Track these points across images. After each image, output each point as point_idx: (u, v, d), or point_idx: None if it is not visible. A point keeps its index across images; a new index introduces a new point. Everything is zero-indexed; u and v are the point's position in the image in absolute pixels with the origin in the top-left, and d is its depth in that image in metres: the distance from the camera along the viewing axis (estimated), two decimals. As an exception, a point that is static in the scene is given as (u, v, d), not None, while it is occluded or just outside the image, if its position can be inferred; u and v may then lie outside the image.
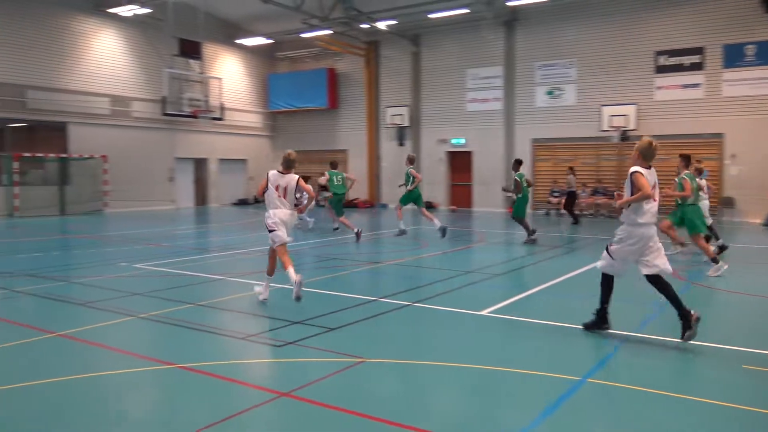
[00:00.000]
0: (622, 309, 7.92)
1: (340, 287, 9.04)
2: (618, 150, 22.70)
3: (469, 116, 26.10)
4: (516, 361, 5.59)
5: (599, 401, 4.71)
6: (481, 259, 12.24)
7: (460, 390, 4.99)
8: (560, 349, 6.03)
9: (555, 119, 24.00)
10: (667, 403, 4.60)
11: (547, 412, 4.38)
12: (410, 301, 7.90)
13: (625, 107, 21.84)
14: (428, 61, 27.07)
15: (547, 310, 7.66)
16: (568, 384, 4.92)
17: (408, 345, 6.25)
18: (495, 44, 24.86)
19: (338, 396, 4.67)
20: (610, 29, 22.72)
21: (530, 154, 24.64)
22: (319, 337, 6.22)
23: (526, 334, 6.66)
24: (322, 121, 30.48)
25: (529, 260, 12.02)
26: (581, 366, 5.36)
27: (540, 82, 24.33)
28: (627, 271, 6.53)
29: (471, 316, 7.28)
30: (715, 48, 20.92)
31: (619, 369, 5.44)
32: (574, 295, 8.63)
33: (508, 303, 7.96)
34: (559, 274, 9.96)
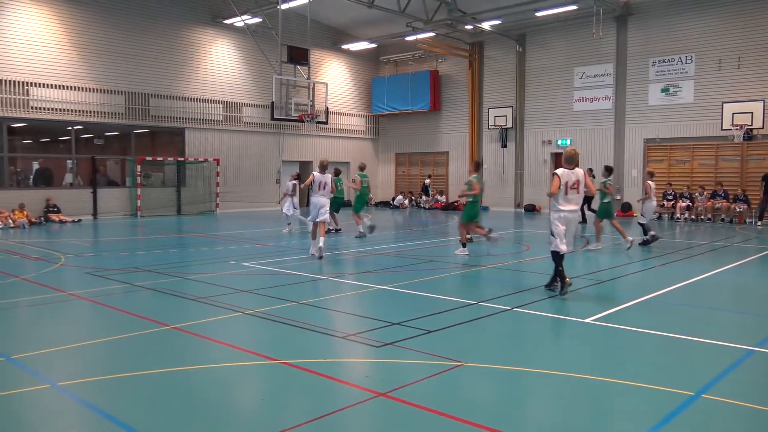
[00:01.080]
0: (742, 321, 7.35)
1: (439, 290, 8.99)
2: (741, 150, 21.10)
3: (575, 116, 25.21)
4: (621, 372, 5.30)
5: (715, 419, 4.37)
6: (587, 265, 11.76)
7: (560, 399, 4.80)
8: (671, 362, 5.66)
9: (670, 118, 22.67)
10: (796, 426, 4.20)
11: (656, 429, 4.12)
12: (511, 306, 7.73)
13: (750, 104, 20.21)
14: (533, 60, 26.43)
15: (657, 320, 7.23)
16: (680, 399, 4.61)
17: (508, 350, 6.11)
18: (605, 41, 23.83)
19: (435, 398, 4.63)
20: (732, 19, 21.15)
21: (642, 155, 23.42)
22: (418, 339, 6.21)
23: (635, 344, 6.32)
24: (424, 123, 30.55)
25: (637, 267, 11.42)
26: (696, 380, 5.00)
27: (654, 79, 23.06)
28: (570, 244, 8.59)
29: (575, 323, 7.01)
30: None
31: (740, 385, 5.02)
32: (685, 305, 8.09)
33: (614, 311, 7.59)
34: (670, 283, 9.38)
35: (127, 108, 23.01)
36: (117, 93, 22.71)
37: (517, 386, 5.09)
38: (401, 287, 9.03)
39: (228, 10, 24.66)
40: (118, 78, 22.69)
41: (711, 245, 14.62)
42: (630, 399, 4.73)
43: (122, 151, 24.09)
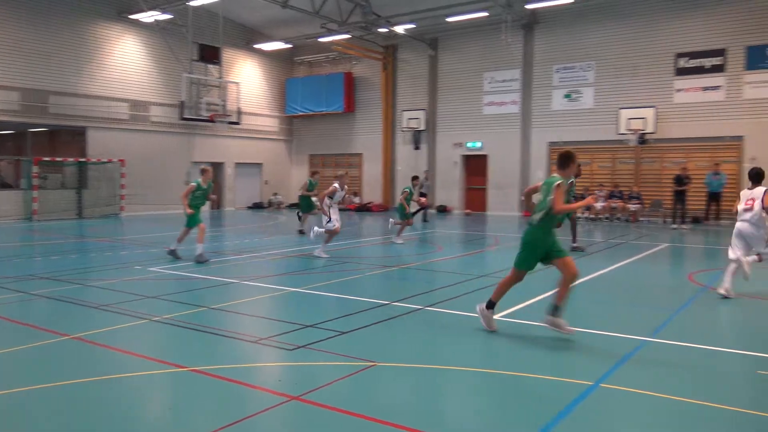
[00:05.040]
0: (636, 314, 7.83)
1: (352, 291, 9.03)
2: (635, 153, 22.49)
3: (485, 120, 26.03)
4: (528, 366, 5.53)
5: (612, 406, 4.65)
6: (495, 263, 12.16)
7: (471, 394, 4.95)
8: (572, 354, 5.96)
9: (572, 122, 23.84)
10: (680, 408, 4.52)
11: (560, 417, 4.32)
12: (423, 305, 7.87)
13: (644, 110, 21.62)
14: (446, 64, 27.05)
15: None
16: (580, 389, 4.86)
17: (420, 349, 6.22)
18: (513, 47, 24.76)
19: (349, 400, 4.65)
20: (629, 32, 22.53)
21: (547, 157, 24.49)
22: (331, 341, 6.21)
23: (539, 338, 6.60)
24: (339, 125, 30.58)
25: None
26: (594, 371, 5.29)
27: (558, 85, 24.18)
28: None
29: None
30: (738, 50, 20.66)
31: (633, 374, 5.35)
32: (585, 299, 8.53)
33: (521, 307, 7.90)
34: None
35: (22, 105, 21.63)
36: (11, 89, 21.31)
37: (430, 384, 5.19)
38: (315, 289, 9.01)
39: (135, 6, 23.67)
40: (12, 73, 21.29)
41: (608, 243, 15.49)
42: (536, 390, 4.94)
43: (17, 151, 22.62)
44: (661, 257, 13.20)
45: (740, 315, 8.12)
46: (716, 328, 7.33)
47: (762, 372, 5.35)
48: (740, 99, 20.72)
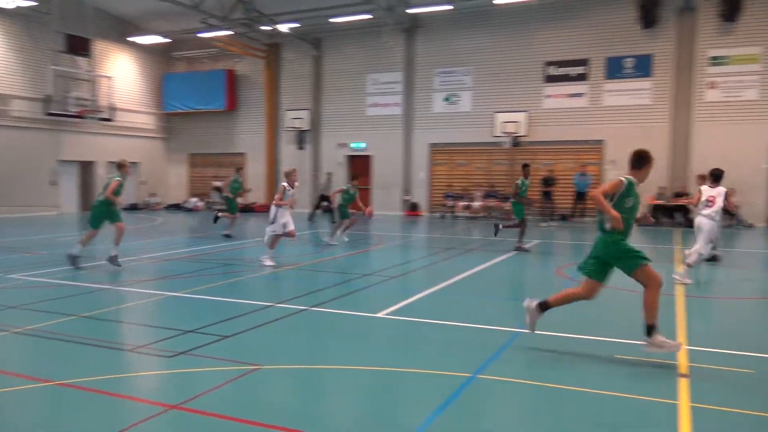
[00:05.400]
0: (510, 307, 8.28)
1: (235, 293, 8.85)
2: (510, 155, 23.73)
3: (369, 121, 26.38)
4: (411, 362, 5.70)
5: (488, 396, 4.90)
6: (379, 262, 12.39)
7: (356, 392, 5.03)
8: (450, 348, 6.21)
9: (452, 124, 24.73)
10: (552, 394, 4.86)
11: (440, 410, 4.49)
12: (307, 306, 7.87)
13: (517, 114, 22.86)
14: (329, 64, 27.11)
15: (440, 310, 7.87)
16: (459, 381, 5.08)
17: (305, 350, 6.22)
18: (395, 50, 25.28)
19: (232, 405, 4.56)
20: (504, 39, 23.71)
21: (428, 158, 25.24)
22: (213, 346, 6.05)
23: (421, 334, 6.82)
24: (220, 123, 29.75)
25: (425, 262, 12.29)
26: (472, 363, 5.54)
27: (438, 88, 24.99)
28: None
29: (368, 319, 7.35)
30: (599, 60, 22.35)
31: (508, 364, 5.66)
32: (465, 295, 8.91)
33: (404, 305, 8.10)
34: (452, 275, 10.25)
35: None
36: None
37: (314, 384, 5.21)
38: (195, 293, 8.73)
39: (-11, -11, 21.68)
40: None
41: (485, 240, 16.24)
42: (417, 385, 5.10)
43: None
44: (532, 253, 14.02)
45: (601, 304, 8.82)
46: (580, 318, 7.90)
47: (620, 356, 5.84)
48: (601, 106, 22.45)
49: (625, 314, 8.05)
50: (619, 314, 8.12)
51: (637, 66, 21.86)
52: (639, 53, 21.78)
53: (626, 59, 21.97)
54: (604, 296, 9.26)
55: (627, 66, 22.00)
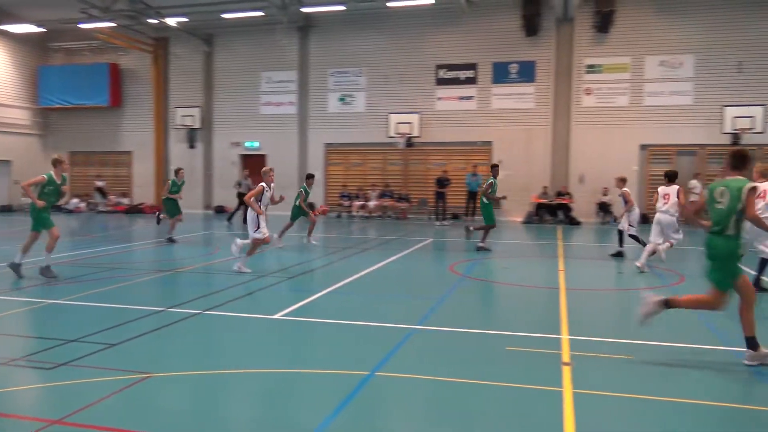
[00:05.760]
0: (405, 305, 8.47)
1: (123, 299, 8.42)
2: (404, 155, 24.19)
3: (263, 119, 25.95)
4: (309, 362, 5.70)
5: (386, 393, 4.99)
6: (275, 263, 12.24)
7: (254, 396, 4.96)
8: (349, 347, 6.27)
9: (346, 125, 24.85)
10: (448, 388, 5.02)
11: (339, 409, 4.52)
12: (201, 309, 7.64)
13: (410, 115, 23.33)
14: (221, 61, 26.40)
15: (337, 310, 7.92)
16: (357, 379, 5.13)
17: (199, 355, 6.04)
18: (289, 49, 25.03)
19: (121, 417, 4.36)
20: (397, 42, 24.12)
21: (323, 158, 25.23)
22: (98, 355, 5.74)
23: (318, 334, 6.82)
24: (104, 120, 28.14)
25: (321, 262, 12.28)
26: (370, 361, 5.62)
27: (333, 88, 25.02)
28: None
29: (264, 321, 7.26)
30: (486, 65, 23.27)
31: (405, 361, 5.79)
32: (361, 294, 9.01)
33: (301, 305, 8.06)
34: (348, 275, 10.32)
35: None
36: None
37: (209, 391, 5.07)
38: (77, 300, 8.22)
39: None
40: None
41: (381, 239, 16.47)
42: (315, 386, 5.10)
43: None
44: (426, 251, 14.39)
45: (492, 300, 9.23)
46: (473, 313, 8.23)
47: (510, 348, 6.14)
48: (489, 109, 23.40)
49: (514, 308, 8.46)
50: (509, 308, 8.52)
51: (521, 71, 22.97)
52: (523, 59, 22.91)
53: (511, 65, 23.03)
54: (497, 291, 9.71)
55: (512, 71, 23.06)
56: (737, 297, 5.70)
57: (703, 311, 6.71)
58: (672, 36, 21.60)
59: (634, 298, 9.26)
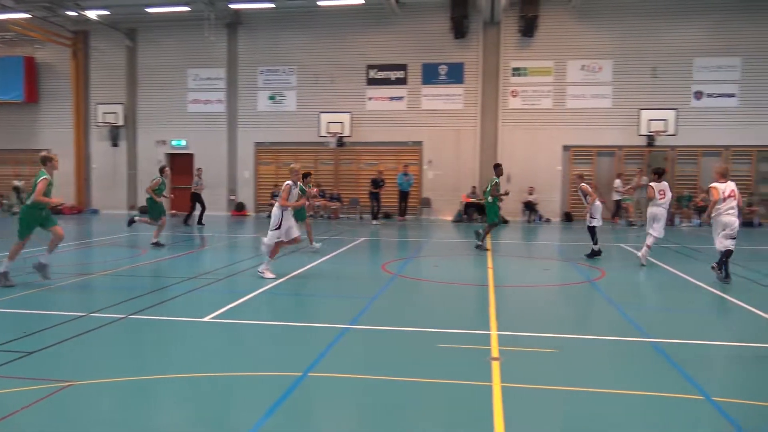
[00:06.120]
0: (338, 304, 8.48)
1: (40, 304, 8.04)
2: (335, 155, 24.16)
3: (190, 117, 25.32)
4: (240, 365, 5.61)
5: (319, 393, 4.98)
6: (204, 264, 11.98)
7: (183, 402, 4.84)
8: (280, 348, 6.22)
9: (277, 124, 24.58)
10: (379, 387, 5.07)
11: (271, 411, 4.49)
12: (126, 314, 7.38)
13: (341, 115, 23.33)
14: (146, 57, 25.56)
15: (269, 311, 7.85)
16: (290, 380, 5.10)
17: (125, 361, 5.83)
18: (217, 46, 24.52)
19: (41, 427, 4.17)
20: (328, 41, 24.05)
21: (254, 157, 24.87)
22: (14, 364, 5.45)
23: (250, 336, 6.74)
24: (18, 116, 26.70)
25: (252, 263, 12.10)
26: (302, 361, 5.60)
27: (262, 86, 24.69)
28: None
29: (193, 324, 7.10)
30: (416, 66, 23.56)
31: (338, 360, 5.80)
32: (293, 294, 8.95)
33: (231, 307, 7.93)
34: (280, 275, 10.21)
35: None
36: None
37: (136, 397, 4.90)
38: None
39: None
40: None
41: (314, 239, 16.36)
42: (247, 389, 5.04)
43: None
44: (358, 251, 14.44)
45: (423, 298, 9.36)
46: (405, 311, 8.32)
47: (442, 345, 6.25)
48: (419, 109, 23.70)
49: (445, 305, 8.61)
50: (440, 306, 8.66)
51: (450, 73, 23.39)
52: (452, 61, 23.33)
53: (441, 66, 23.41)
54: (428, 289, 9.85)
55: (441, 72, 23.45)
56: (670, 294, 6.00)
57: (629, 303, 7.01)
58: (592, 42, 22.54)
59: (560, 293, 9.62)
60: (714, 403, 4.70)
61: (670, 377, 5.37)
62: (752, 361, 6.06)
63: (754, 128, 21.63)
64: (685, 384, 5.16)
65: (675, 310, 8.36)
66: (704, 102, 22.03)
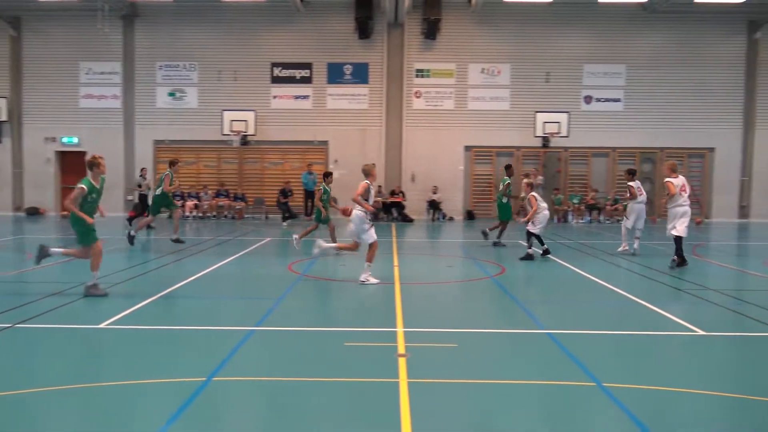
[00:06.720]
0: (243, 306, 8.34)
1: None
2: (239, 154, 23.68)
3: (83, 113, 23.97)
4: (140, 373, 5.39)
5: (224, 398, 4.88)
6: (100, 269, 11.37)
7: (78, 414, 4.58)
8: (184, 353, 6.04)
9: (178, 121, 23.77)
10: (286, 387, 5.03)
11: (173, 419, 4.34)
12: (12, 323, 6.89)
13: (245, 113, 22.88)
14: (33, 48, 23.94)
15: (170, 315, 7.59)
16: (194, 386, 4.95)
17: (12, 374, 5.43)
18: (112, 39, 23.37)
19: None
20: (232, 37, 23.54)
21: (153, 155, 23.91)
22: None
23: (150, 342, 6.49)
24: None
25: (152, 265, 11.66)
26: (206, 366, 5.45)
27: (161, 82, 23.80)
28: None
29: (88, 331, 6.75)
30: (321, 65, 23.52)
31: (243, 364, 5.70)
32: (196, 298, 8.70)
33: (129, 312, 7.59)
34: (182, 278, 9.90)
35: None
36: None
37: (25, 412, 4.59)
38: None
39: None
40: None
41: (217, 240, 15.99)
42: (148, 397, 4.85)
43: None
44: (264, 251, 14.23)
45: (330, 297, 9.37)
46: (312, 311, 8.29)
47: (349, 343, 6.29)
48: (324, 108, 23.68)
49: (352, 304, 8.66)
50: (347, 305, 8.71)
51: (355, 73, 23.53)
52: (357, 61, 23.48)
53: (346, 66, 23.50)
54: (335, 289, 9.86)
55: (346, 72, 23.54)
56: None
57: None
58: (491, 46, 23.40)
59: (464, 289, 9.93)
60: (605, 389, 5.02)
61: (565, 366, 5.69)
62: (638, 348, 6.52)
63: (637, 131, 23.26)
64: (579, 372, 5.49)
65: (569, 303, 8.85)
66: (593, 106, 23.44)
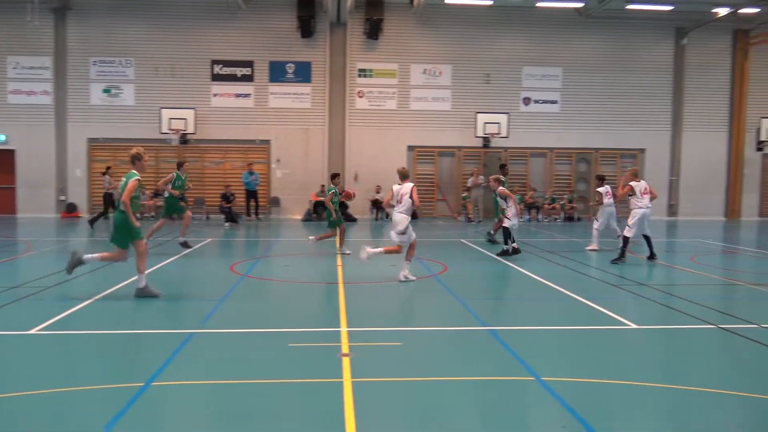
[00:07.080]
0: (184, 308, 8.16)
1: None
2: (178, 153, 23.12)
3: (11, 110, 22.87)
4: (74, 380, 5.20)
5: (163, 403, 4.77)
6: (29, 272, 10.91)
7: (8, 426, 4.39)
8: (121, 358, 5.87)
9: (113, 119, 23.00)
10: (228, 390, 4.96)
11: (109, 426, 4.21)
12: (-66, 331, 6.54)
13: (184, 111, 22.35)
14: (-48, 40, 22.70)
15: (107, 319, 7.35)
16: (131, 392, 4.82)
17: (-68, 384, 5.16)
18: (43, 32, 22.38)
19: None
20: (170, 33, 22.94)
21: (87, 154, 23.08)
22: None
23: (85, 347, 6.27)
24: None
25: (86, 268, 11.24)
26: (145, 371, 5.31)
27: (96, 78, 22.97)
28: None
29: (17, 338, 6.46)
30: (263, 63, 23.22)
31: (183, 367, 5.57)
32: (133, 300, 8.44)
33: (62, 317, 7.30)
34: (118, 280, 9.59)
35: None
36: None
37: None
38: None
39: None
40: None
41: (156, 240, 15.54)
42: (83, 405, 4.69)
43: None
44: (205, 252, 13.95)
45: (273, 298, 9.28)
46: (255, 312, 8.19)
47: (293, 344, 6.25)
48: (267, 107, 23.39)
49: (296, 305, 8.60)
50: (290, 305, 8.64)
51: (297, 71, 23.35)
52: (299, 60, 23.30)
53: (288, 64, 23.28)
54: (279, 289, 9.77)
55: (289, 71, 23.33)
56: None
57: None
58: (432, 47, 23.65)
59: (406, 287, 10.01)
60: (543, 383, 5.16)
61: (505, 362, 5.82)
62: (575, 343, 6.73)
63: (574, 132, 23.97)
64: (519, 367, 5.62)
65: (510, 300, 9.05)
66: (532, 107, 24.02)
